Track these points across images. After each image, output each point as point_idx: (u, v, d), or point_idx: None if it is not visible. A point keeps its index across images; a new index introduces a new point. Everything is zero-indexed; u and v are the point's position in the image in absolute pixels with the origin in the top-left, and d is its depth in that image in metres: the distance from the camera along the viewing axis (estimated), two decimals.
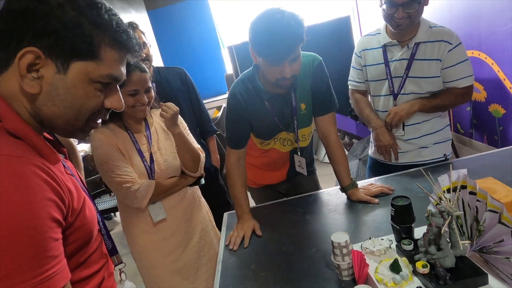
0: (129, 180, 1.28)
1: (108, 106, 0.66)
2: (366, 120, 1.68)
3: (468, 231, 0.88)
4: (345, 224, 1.24)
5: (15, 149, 0.55)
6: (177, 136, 1.36)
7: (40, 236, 0.52)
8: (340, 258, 0.94)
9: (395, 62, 1.50)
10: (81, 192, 0.67)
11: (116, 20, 0.62)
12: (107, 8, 0.61)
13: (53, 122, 0.62)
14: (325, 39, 3.60)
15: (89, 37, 0.59)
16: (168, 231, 1.42)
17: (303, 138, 1.47)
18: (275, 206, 1.52)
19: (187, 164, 1.42)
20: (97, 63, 0.60)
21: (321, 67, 1.36)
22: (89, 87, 0.61)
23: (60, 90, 0.59)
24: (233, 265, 1.16)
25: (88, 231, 0.68)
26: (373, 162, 1.80)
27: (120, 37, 0.62)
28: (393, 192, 1.36)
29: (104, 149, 1.28)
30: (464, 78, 1.45)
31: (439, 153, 1.60)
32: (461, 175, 0.89)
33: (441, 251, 0.83)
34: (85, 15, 0.58)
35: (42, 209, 0.53)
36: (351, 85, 1.72)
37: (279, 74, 1.18)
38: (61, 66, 0.58)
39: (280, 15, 1.12)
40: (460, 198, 0.89)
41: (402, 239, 0.97)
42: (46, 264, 0.53)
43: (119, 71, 0.65)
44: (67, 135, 0.68)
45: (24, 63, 0.56)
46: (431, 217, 0.85)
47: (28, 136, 0.59)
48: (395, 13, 1.36)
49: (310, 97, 1.38)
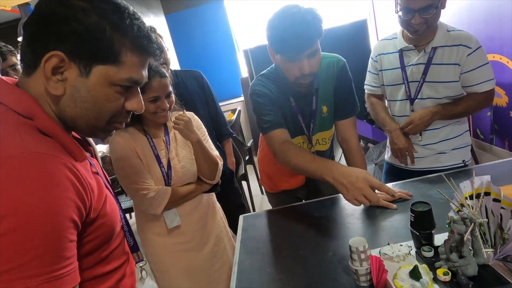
0: (145, 187, 1.28)
1: (129, 108, 0.68)
2: (381, 124, 1.67)
3: (492, 239, 0.86)
4: (362, 229, 1.23)
5: (45, 147, 0.57)
6: (196, 144, 1.35)
7: (57, 233, 0.54)
8: (358, 264, 0.93)
9: (412, 66, 1.48)
10: (103, 189, 0.69)
11: (138, 25, 0.63)
12: (130, 13, 0.63)
13: (75, 122, 0.65)
14: (342, 42, 3.58)
15: (111, 41, 0.61)
16: (182, 236, 1.43)
17: (323, 141, 1.45)
18: (291, 209, 1.52)
19: (204, 171, 1.41)
20: (118, 67, 0.62)
21: (345, 69, 1.34)
22: (110, 90, 0.63)
23: (82, 93, 0.62)
24: (249, 268, 1.16)
25: (110, 228, 0.69)
26: (389, 167, 1.78)
27: (141, 41, 0.64)
28: (412, 197, 1.34)
29: (122, 153, 1.29)
30: (485, 82, 1.42)
31: (458, 159, 1.57)
32: (485, 182, 0.87)
33: (463, 258, 0.81)
34: (108, 20, 0.60)
35: (63, 208, 0.54)
36: (367, 89, 1.71)
37: (297, 71, 1.17)
38: (84, 70, 0.60)
39: (296, 10, 1.12)
40: (484, 205, 0.87)
41: (422, 246, 0.95)
42: (58, 262, 0.54)
43: (140, 74, 0.66)
44: (89, 135, 0.71)
45: (49, 66, 0.58)
46: (453, 224, 0.83)
47: (57, 134, 0.61)
48: (411, 19, 1.34)
49: (332, 100, 1.36)
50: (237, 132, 3.51)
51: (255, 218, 1.48)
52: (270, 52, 1.23)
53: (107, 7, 0.60)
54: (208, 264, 1.47)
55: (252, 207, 3.21)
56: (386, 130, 1.64)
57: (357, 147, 1.41)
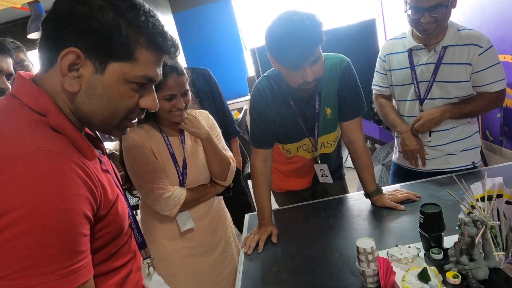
0: (161, 186, 1.23)
1: (143, 106, 0.68)
2: (391, 125, 1.65)
3: (503, 242, 0.84)
4: (369, 230, 1.21)
5: (56, 145, 0.58)
6: (205, 141, 1.29)
7: (71, 230, 0.54)
8: (365, 265, 0.91)
9: (422, 66, 1.46)
10: (114, 188, 0.69)
11: (153, 22, 0.64)
12: (145, 10, 0.63)
13: (90, 119, 0.65)
14: (350, 42, 3.56)
15: (126, 38, 0.60)
16: (192, 241, 1.37)
17: (328, 144, 1.43)
18: (297, 209, 1.51)
19: (214, 170, 1.35)
20: (133, 64, 0.62)
21: (349, 69, 1.31)
22: (125, 87, 0.63)
23: (97, 90, 0.62)
24: (254, 267, 1.16)
25: (119, 225, 0.70)
26: (397, 168, 1.75)
27: (156, 39, 0.64)
28: (420, 199, 1.32)
29: (138, 151, 1.23)
30: (496, 82, 1.40)
31: (467, 160, 1.55)
32: (497, 183, 0.85)
33: (473, 261, 0.80)
34: (123, 17, 0.60)
35: (75, 204, 0.55)
36: (375, 89, 1.69)
37: (300, 78, 1.14)
38: (99, 67, 0.60)
39: (294, 17, 1.08)
40: (495, 207, 0.86)
41: (431, 248, 0.94)
42: (74, 257, 0.55)
43: (155, 72, 0.66)
44: (103, 132, 0.71)
45: (66, 63, 0.59)
46: (463, 226, 0.81)
47: (68, 131, 0.62)
48: (421, 18, 1.32)
49: (336, 101, 1.34)
50: (244, 131, 3.50)
51: None
52: (271, 60, 1.20)
53: (123, 4, 0.61)
54: (216, 271, 1.42)
55: None
56: (396, 132, 1.62)
57: (364, 148, 1.38)
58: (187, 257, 1.37)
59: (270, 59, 1.21)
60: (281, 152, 1.50)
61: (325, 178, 1.47)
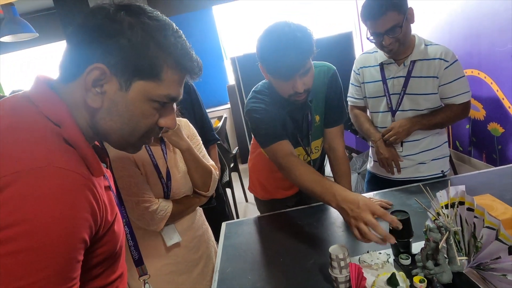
0: (147, 199, 1.18)
1: (163, 125, 0.68)
2: (366, 135, 1.70)
3: (466, 247, 0.89)
4: (343, 237, 1.24)
5: (68, 161, 0.56)
6: (186, 152, 1.25)
7: (68, 255, 0.53)
8: (337, 271, 0.94)
9: (393, 79, 1.53)
10: (114, 207, 0.68)
11: (182, 43, 0.64)
12: (174, 30, 0.64)
13: (108, 136, 0.65)
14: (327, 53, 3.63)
15: (154, 58, 0.60)
16: (175, 257, 1.30)
17: (315, 150, 1.46)
18: (274, 217, 1.52)
19: (196, 181, 1.31)
20: (158, 83, 0.62)
21: (336, 77, 1.35)
22: (147, 106, 0.63)
23: (120, 107, 0.61)
24: (229, 276, 1.16)
25: (114, 245, 0.68)
26: (371, 176, 1.81)
27: (183, 60, 0.64)
28: (392, 206, 1.36)
29: (121, 163, 1.18)
30: (462, 94, 1.48)
31: (437, 169, 1.62)
32: (459, 191, 0.90)
33: (438, 266, 0.84)
34: (153, 37, 0.60)
35: (77, 229, 0.54)
36: (350, 101, 1.74)
37: (291, 89, 1.15)
38: (124, 84, 0.60)
39: (286, 29, 1.09)
40: (458, 214, 0.90)
41: (400, 254, 0.97)
42: (64, 284, 0.53)
43: (178, 91, 0.66)
44: (119, 149, 0.69)
45: (91, 78, 0.58)
46: (429, 232, 0.85)
47: (80, 146, 0.60)
48: (382, 41, 1.40)
49: (323, 108, 1.36)
50: (223, 139, 3.50)
51: (237, 226, 1.48)
52: (262, 70, 1.20)
53: (153, 23, 0.60)
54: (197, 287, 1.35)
55: (236, 214, 3.19)
56: (371, 141, 1.67)
57: (344, 156, 1.41)
58: (170, 275, 1.30)
59: (261, 68, 1.21)
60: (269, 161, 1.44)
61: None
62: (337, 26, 4.68)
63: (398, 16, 1.35)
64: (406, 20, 1.38)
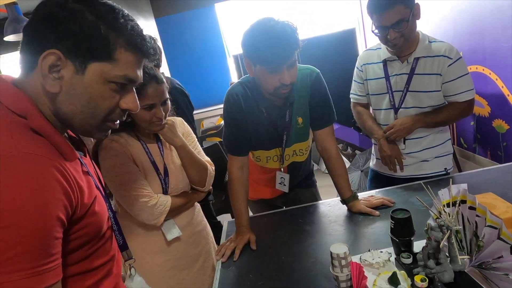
0: (145, 194, 1.19)
1: (124, 107, 0.70)
2: (368, 132, 1.69)
3: (468, 246, 0.88)
4: (344, 236, 1.24)
5: (35, 147, 0.59)
6: (180, 149, 1.27)
7: (44, 232, 0.55)
8: (338, 270, 0.93)
9: (396, 76, 1.52)
10: (93, 190, 0.71)
11: (132, 24, 0.66)
12: (124, 14, 0.66)
13: (71, 120, 0.66)
14: (331, 50, 3.63)
15: (105, 39, 0.63)
16: (176, 252, 1.33)
17: (300, 152, 1.46)
18: (275, 215, 1.52)
19: (192, 178, 1.33)
20: (113, 64, 0.64)
21: (319, 80, 1.35)
22: (105, 87, 0.65)
23: (78, 90, 0.64)
24: (231, 274, 1.16)
25: (97, 227, 0.71)
26: (374, 174, 1.80)
27: (135, 39, 0.66)
28: (394, 204, 1.36)
29: (117, 159, 1.18)
30: (465, 92, 1.46)
31: (440, 167, 1.60)
32: (461, 190, 0.89)
33: (440, 265, 0.83)
34: (103, 19, 0.63)
35: (50, 208, 0.56)
36: (353, 98, 1.73)
37: (277, 81, 1.17)
38: (79, 67, 0.63)
39: (274, 22, 1.14)
40: (460, 213, 0.89)
41: (401, 252, 0.97)
42: (43, 259, 0.55)
43: (135, 73, 0.68)
44: (85, 134, 0.72)
45: (46, 64, 0.61)
46: (430, 231, 0.85)
47: (49, 133, 0.63)
48: (387, 35, 1.39)
49: (307, 111, 1.37)
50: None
51: None
52: (247, 63, 1.22)
53: (102, 8, 0.64)
54: (198, 283, 1.37)
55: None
56: (374, 138, 1.66)
57: (337, 155, 1.42)
58: (171, 271, 1.32)
59: (246, 63, 1.23)
60: (252, 160, 1.50)
61: (282, 186, 1.50)
62: (340, 23, 4.64)
63: (405, 10, 1.34)
64: (412, 15, 1.37)
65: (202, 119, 4.62)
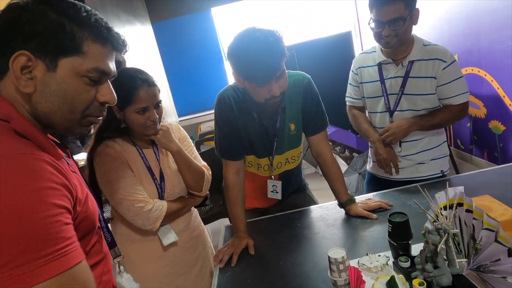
0: (141, 199, 1.18)
1: (101, 99, 0.70)
2: (364, 135, 1.69)
3: (465, 249, 0.88)
4: (342, 240, 1.23)
5: (24, 148, 0.60)
6: (176, 154, 1.27)
7: (49, 219, 0.55)
8: (336, 274, 0.93)
9: (390, 79, 1.52)
10: (84, 187, 0.72)
11: (95, 17, 0.67)
12: (86, 9, 0.67)
13: (50, 118, 0.67)
14: (327, 53, 3.65)
15: (71, 33, 0.64)
16: (173, 258, 1.32)
17: (292, 159, 1.45)
18: (272, 220, 1.52)
19: (189, 182, 1.32)
20: (82, 57, 0.65)
21: (311, 86, 1.34)
22: (79, 81, 0.66)
23: (52, 87, 0.64)
24: (229, 279, 1.15)
25: (90, 223, 0.72)
26: (371, 177, 1.80)
27: (100, 31, 0.67)
28: (391, 207, 1.36)
29: (112, 165, 1.18)
30: (460, 95, 1.47)
31: (436, 169, 1.61)
32: (458, 192, 0.89)
33: (438, 269, 0.83)
34: (66, 15, 0.64)
35: (49, 196, 0.57)
36: (348, 101, 1.74)
37: (267, 94, 1.15)
38: (50, 64, 0.64)
39: (257, 33, 1.10)
40: (457, 216, 0.89)
41: (399, 256, 0.96)
42: (58, 243, 0.56)
43: (106, 65, 0.69)
44: (67, 131, 0.72)
45: (17, 66, 0.62)
46: (427, 234, 0.84)
47: (33, 134, 0.64)
48: (382, 31, 1.40)
49: (300, 117, 1.36)
50: None
51: None
52: (235, 77, 1.20)
53: (64, 5, 0.65)
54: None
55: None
56: (369, 141, 1.66)
57: (332, 159, 1.42)
58: (168, 277, 1.31)
59: (234, 76, 1.21)
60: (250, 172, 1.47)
61: (275, 194, 1.47)
62: (336, 26, 4.66)
63: (404, 10, 1.35)
64: (410, 17, 1.37)
65: (199, 123, 4.61)
